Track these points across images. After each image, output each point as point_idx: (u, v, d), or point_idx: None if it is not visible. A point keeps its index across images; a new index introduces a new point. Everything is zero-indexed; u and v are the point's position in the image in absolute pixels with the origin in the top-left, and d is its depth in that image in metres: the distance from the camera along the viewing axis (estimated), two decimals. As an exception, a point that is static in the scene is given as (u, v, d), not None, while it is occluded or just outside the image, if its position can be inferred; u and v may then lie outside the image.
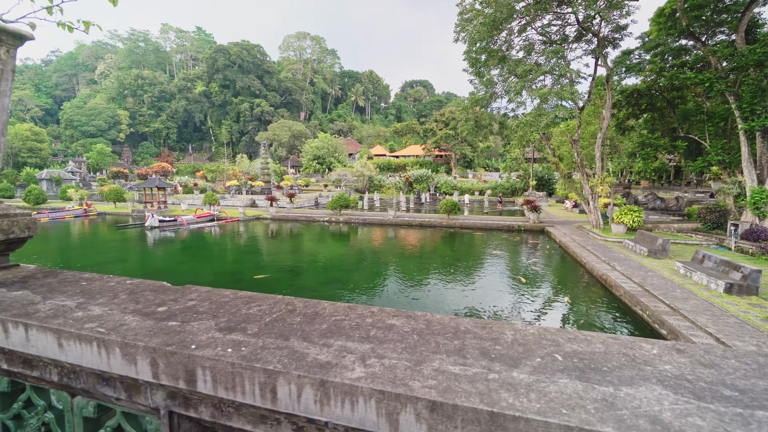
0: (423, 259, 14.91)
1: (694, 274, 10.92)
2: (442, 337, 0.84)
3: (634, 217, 17.41)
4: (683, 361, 0.72)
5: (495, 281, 11.91)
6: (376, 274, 12.56)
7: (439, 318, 0.96)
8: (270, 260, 14.71)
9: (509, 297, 10.31)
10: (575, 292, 11.01)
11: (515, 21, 17.70)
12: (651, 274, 11.50)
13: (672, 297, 9.37)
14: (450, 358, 0.74)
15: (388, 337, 0.84)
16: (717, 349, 0.78)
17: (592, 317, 9.12)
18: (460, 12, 19.58)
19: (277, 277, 12.26)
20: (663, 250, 13.80)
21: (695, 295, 9.51)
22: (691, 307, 8.63)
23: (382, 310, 1.03)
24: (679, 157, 38.19)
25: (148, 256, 15.83)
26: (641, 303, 9.25)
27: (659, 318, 8.27)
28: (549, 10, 17.26)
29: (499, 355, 0.75)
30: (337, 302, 1.08)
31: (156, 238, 19.44)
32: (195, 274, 12.31)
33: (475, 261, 14.58)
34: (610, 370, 0.69)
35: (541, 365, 0.71)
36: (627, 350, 0.77)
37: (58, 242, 18.93)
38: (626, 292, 10.19)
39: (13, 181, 50.69)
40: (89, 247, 17.83)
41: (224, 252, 16.81)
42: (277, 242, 18.96)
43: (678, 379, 0.65)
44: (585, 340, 0.82)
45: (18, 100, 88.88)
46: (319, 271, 13.01)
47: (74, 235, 21.18)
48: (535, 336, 0.84)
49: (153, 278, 8.78)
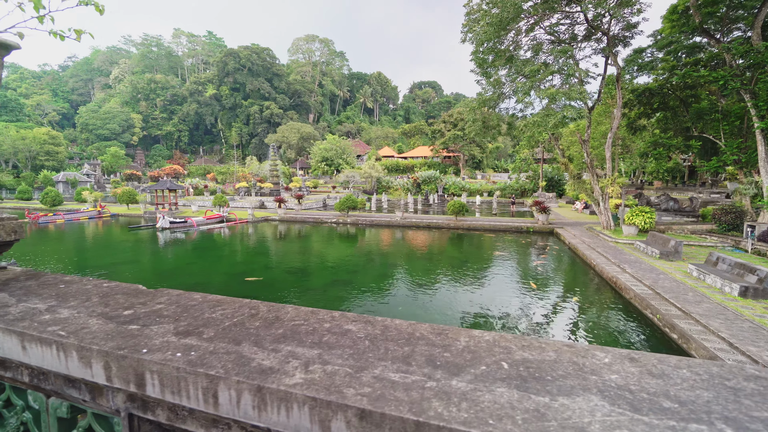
0: (429, 261, 14.85)
1: (708, 277, 10.64)
2: (394, 343, 0.84)
3: (646, 218, 17.06)
4: (633, 371, 0.70)
5: (501, 284, 11.79)
6: (382, 276, 12.55)
7: (397, 324, 0.95)
8: (276, 261, 14.84)
9: (514, 301, 10.19)
10: (583, 295, 10.83)
11: (523, 21, 17.54)
12: (662, 277, 11.24)
13: (684, 300, 9.14)
14: (394, 365, 0.74)
15: (339, 342, 0.84)
16: (672, 359, 0.75)
17: (600, 321, 8.95)
18: (467, 12, 19.50)
19: (283, 279, 12.36)
20: (675, 252, 13.48)
21: (708, 299, 9.26)
22: (703, 311, 8.41)
23: (344, 315, 1.03)
24: (694, 156, 37.34)
25: (157, 258, 16.11)
26: (651, 306, 9.05)
27: (670, 322, 8.07)
28: (557, 9, 17.06)
29: (445, 363, 0.74)
30: (301, 307, 1.08)
31: (167, 240, 19.78)
32: (202, 275, 12.48)
33: (481, 263, 14.46)
34: (553, 379, 0.68)
35: (485, 373, 0.70)
36: (578, 359, 0.75)
37: (72, 243, 19.41)
38: (636, 295, 9.98)
39: (31, 184, 52.21)
40: (102, 248, 18.24)
41: (232, 253, 17.02)
42: (285, 243, 19.11)
43: (620, 389, 0.64)
44: (538, 348, 0.80)
45: (36, 104, 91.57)
46: (324, 273, 13.07)
47: (88, 236, 21.69)
48: (489, 343, 0.83)
49: (162, 279, 8.95)
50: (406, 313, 9.14)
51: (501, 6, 16.44)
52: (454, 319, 8.73)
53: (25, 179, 54.16)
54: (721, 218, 17.75)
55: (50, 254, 16.04)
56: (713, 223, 18.94)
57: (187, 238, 20.48)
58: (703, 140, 20.84)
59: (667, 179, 42.14)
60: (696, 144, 20.94)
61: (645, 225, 17.00)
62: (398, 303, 9.80)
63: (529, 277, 12.41)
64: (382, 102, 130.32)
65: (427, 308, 9.47)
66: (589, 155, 19.57)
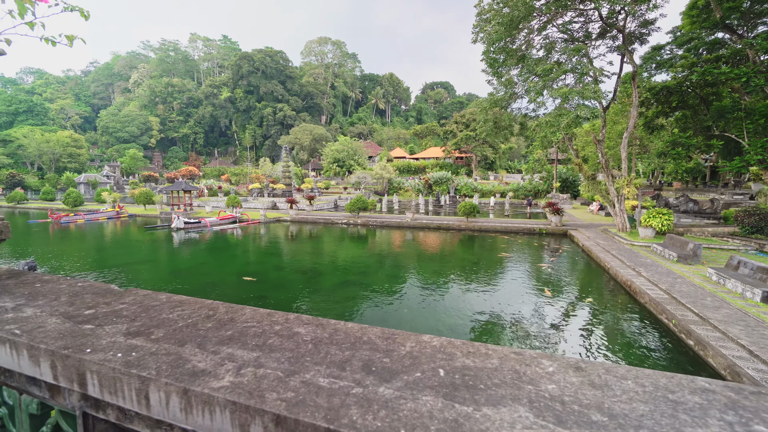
0: (437, 263, 14.75)
1: (728, 282, 10.24)
2: (337, 347, 0.82)
3: (663, 220, 16.54)
4: (573, 381, 0.66)
5: (509, 288, 11.62)
6: (390, 277, 12.53)
7: (348, 327, 0.93)
8: (284, 262, 14.98)
9: (521, 305, 10.02)
10: (595, 299, 10.56)
11: (534, 19, 17.28)
12: (680, 281, 10.87)
13: (702, 305, 8.81)
14: (328, 369, 0.72)
15: (282, 345, 0.83)
16: (621, 369, 0.71)
17: (612, 327, 8.71)
18: (478, 13, 19.31)
19: (293, 278, 12.47)
20: (694, 256, 13.02)
21: (728, 304, 8.91)
22: (722, 317, 8.09)
23: (299, 318, 1.02)
24: (716, 156, 36.01)
25: (170, 257, 16.47)
26: (667, 311, 8.76)
27: (686, 328, 7.79)
28: (570, 6, 16.73)
29: (381, 369, 0.72)
30: (259, 309, 1.07)
31: (181, 240, 20.21)
32: (213, 275, 12.69)
33: (490, 266, 14.27)
34: (487, 387, 0.65)
35: (417, 380, 0.68)
36: (522, 367, 0.72)
37: (91, 243, 20.03)
38: (651, 299, 9.68)
39: (55, 185, 54.21)
40: (118, 248, 18.76)
41: (243, 253, 17.26)
42: (295, 244, 19.29)
43: (552, 400, 0.60)
44: (483, 354, 0.77)
45: (60, 108, 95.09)
46: (333, 274, 13.12)
47: (106, 235, 22.36)
48: (435, 348, 0.80)
49: (173, 278, 9.15)
50: (411, 315, 9.09)
51: (512, 5, 16.23)
52: (459, 324, 8.64)
53: (49, 180, 56.28)
54: (744, 220, 17.06)
55: (69, 253, 16.59)
56: (736, 225, 18.22)
57: (200, 238, 20.89)
58: (725, 139, 20.05)
59: (687, 180, 40.77)
60: (717, 143, 20.18)
61: (662, 227, 16.48)
62: (404, 305, 9.75)
63: (539, 281, 12.18)
64: (394, 103, 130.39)
65: (434, 311, 9.39)
66: (604, 155, 19.10)
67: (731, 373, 6.05)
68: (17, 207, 40.65)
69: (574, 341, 7.70)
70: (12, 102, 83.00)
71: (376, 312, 9.25)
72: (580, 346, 7.46)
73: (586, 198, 36.12)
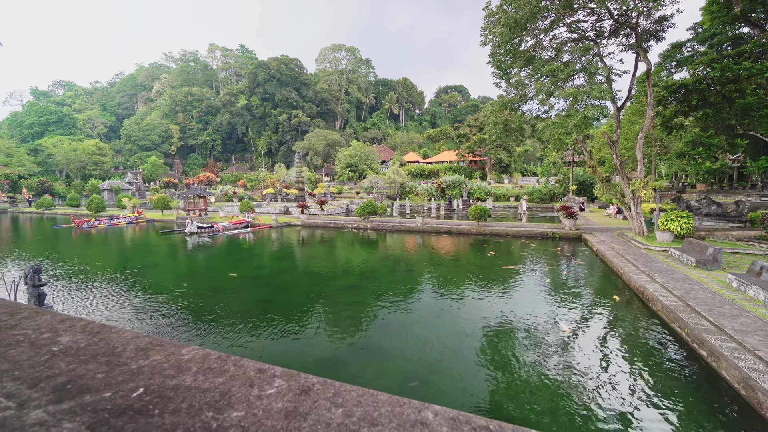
0: (443, 268, 14.53)
1: (750, 289, 9.67)
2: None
3: (682, 224, 15.84)
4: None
5: (515, 294, 11.32)
6: (396, 282, 12.40)
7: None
8: (292, 265, 15.05)
9: (523, 313, 9.73)
10: (604, 306, 10.15)
11: (540, 20, 16.97)
12: (696, 287, 10.34)
13: (718, 314, 8.34)
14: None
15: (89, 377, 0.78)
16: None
17: (616, 337, 8.33)
18: (486, 15, 19.12)
19: (298, 282, 12.51)
20: (714, 261, 12.38)
21: (748, 313, 8.40)
22: (740, 326, 7.62)
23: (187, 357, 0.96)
24: (744, 156, 34.35)
25: (181, 260, 16.81)
26: (680, 319, 8.32)
27: (699, 337, 7.37)
28: (577, 6, 16.38)
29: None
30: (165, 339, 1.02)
31: (194, 244, 20.65)
32: (218, 279, 12.86)
33: (499, 272, 13.96)
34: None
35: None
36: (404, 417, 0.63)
37: (109, 246, 20.68)
38: (664, 306, 9.23)
39: (80, 192, 56.61)
40: (134, 251, 19.31)
41: (252, 257, 17.47)
42: (304, 248, 19.40)
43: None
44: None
45: (87, 118, 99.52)
46: (339, 277, 13.09)
47: (125, 239, 23.07)
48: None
49: (182, 280, 9.30)
50: (411, 321, 8.95)
51: (516, 6, 16.01)
52: (461, 331, 8.44)
53: (75, 187, 58.78)
54: (771, 223, 16.18)
55: (88, 256, 17.16)
56: (762, 228, 17.31)
57: (213, 242, 21.28)
58: (751, 138, 19.16)
59: (712, 182, 39.05)
60: (742, 143, 19.30)
61: (681, 231, 15.79)
62: (407, 309, 9.61)
63: (547, 286, 11.81)
64: (408, 107, 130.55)
65: (439, 317, 9.22)
66: (618, 157, 18.50)
67: (745, 386, 5.67)
68: (45, 213, 42.53)
69: (573, 353, 7.38)
70: (43, 113, 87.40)
71: (379, 316, 9.14)
72: (580, 358, 7.14)
73: (604, 201, 35.04)
